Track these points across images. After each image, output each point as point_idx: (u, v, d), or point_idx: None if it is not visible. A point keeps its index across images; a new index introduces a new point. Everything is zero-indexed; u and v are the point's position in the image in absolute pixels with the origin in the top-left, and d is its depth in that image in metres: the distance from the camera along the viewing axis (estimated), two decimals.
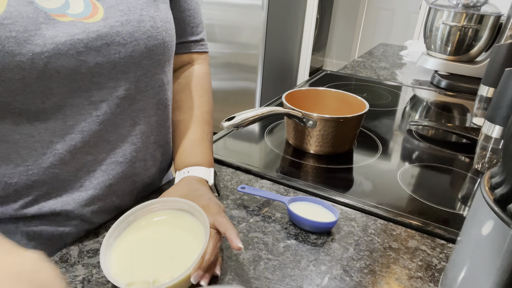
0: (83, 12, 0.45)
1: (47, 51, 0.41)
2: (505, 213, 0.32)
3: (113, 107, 0.49)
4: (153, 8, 0.51)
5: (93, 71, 0.45)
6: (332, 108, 0.82)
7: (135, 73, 0.50)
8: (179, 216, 0.47)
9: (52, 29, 0.41)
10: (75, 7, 0.44)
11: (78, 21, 0.44)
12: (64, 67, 0.43)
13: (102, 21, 0.45)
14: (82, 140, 0.47)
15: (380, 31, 4.09)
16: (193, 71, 0.67)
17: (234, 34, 2.52)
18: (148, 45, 0.50)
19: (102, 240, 0.50)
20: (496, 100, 0.63)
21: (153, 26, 0.50)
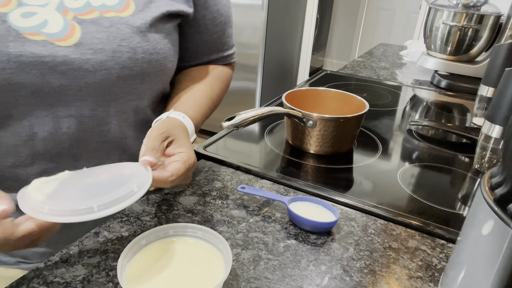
0: (59, 32, 0.45)
1: (10, 68, 0.42)
2: (505, 213, 0.32)
3: (78, 124, 0.49)
4: (137, 38, 0.50)
5: (57, 91, 0.46)
6: (332, 108, 0.82)
7: (104, 98, 0.49)
8: (192, 242, 0.46)
9: (19, 47, 0.43)
10: (52, 27, 0.45)
11: (49, 41, 0.44)
12: (27, 84, 0.44)
13: (74, 46, 0.46)
14: (44, 149, 0.48)
15: (380, 31, 4.09)
16: (216, 67, 0.69)
17: (234, 34, 2.51)
18: (121, 75, 0.49)
19: (102, 240, 0.50)
20: (496, 100, 0.63)
21: (131, 58, 0.49)
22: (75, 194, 0.40)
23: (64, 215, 0.36)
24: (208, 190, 0.62)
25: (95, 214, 0.37)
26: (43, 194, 0.38)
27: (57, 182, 0.41)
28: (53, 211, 0.36)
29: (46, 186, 0.40)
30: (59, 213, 0.36)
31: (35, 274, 0.44)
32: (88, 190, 0.41)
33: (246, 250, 0.50)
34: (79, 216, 0.36)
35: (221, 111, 3.18)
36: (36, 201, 0.37)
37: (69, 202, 0.38)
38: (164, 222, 0.54)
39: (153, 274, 0.41)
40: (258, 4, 2.37)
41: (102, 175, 0.43)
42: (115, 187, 0.40)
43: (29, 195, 0.38)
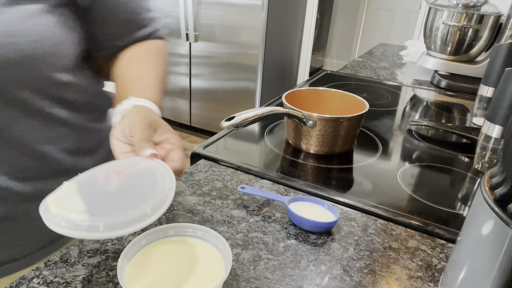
0: None
1: None
2: (505, 213, 0.32)
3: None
4: (27, 22, 0.46)
5: None
6: (332, 108, 0.82)
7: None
8: (192, 242, 0.46)
9: None
10: None
11: None
12: None
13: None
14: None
15: (380, 31, 4.09)
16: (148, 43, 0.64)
17: (234, 34, 2.52)
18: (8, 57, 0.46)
19: (102, 240, 0.50)
20: (496, 100, 0.63)
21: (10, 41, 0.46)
22: (115, 204, 0.38)
23: (124, 227, 0.35)
24: (208, 190, 0.62)
25: (151, 218, 0.36)
26: (77, 212, 0.36)
27: (76, 196, 0.39)
28: (109, 226, 0.35)
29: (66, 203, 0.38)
30: (117, 226, 0.35)
31: (35, 274, 0.44)
32: (124, 197, 0.39)
33: (246, 250, 0.50)
34: (139, 224, 0.35)
35: (221, 111, 3.18)
36: (82, 221, 0.35)
37: (119, 213, 0.36)
38: (164, 222, 0.54)
39: (153, 274, 0.41)
40: (258, 4, 2.37)
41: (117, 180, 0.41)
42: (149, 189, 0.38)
43: (65, 217, 0.35)
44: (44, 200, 0.37)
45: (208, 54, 2.65)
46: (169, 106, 3.00)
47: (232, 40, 2.54)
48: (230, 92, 2.70)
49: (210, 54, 2.65)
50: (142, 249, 0.44)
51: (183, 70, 2.80)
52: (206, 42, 2.62)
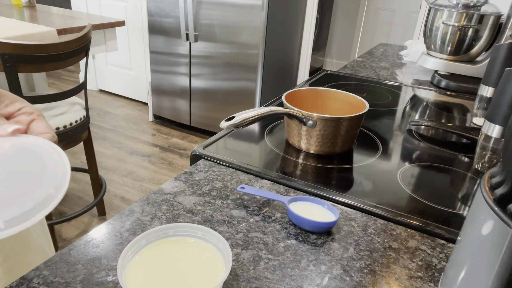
0: None
1: None
2: (505, 213, 0.32)
3: None
4: None
5: None
6: (332, 108, 0.82)
7: None
8: (192, 242, 0.46)
9: None
10: None
11: None
12: None
13: None
14: None
15: (380, 31, 4.09)
16: None
17: (234, 34, 2.52)
18: None
19: (102, 240, 0.50)
20: (496, 100, 0.63)
21: None
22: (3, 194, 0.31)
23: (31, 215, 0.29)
24: (208, 190, 0.62)
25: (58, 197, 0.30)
26: None
27: None
28: (11, 221, 0.29)
29: None
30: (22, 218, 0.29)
31: (35, 274, 0.44)
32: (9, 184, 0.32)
33: (246, 250, 0.50)
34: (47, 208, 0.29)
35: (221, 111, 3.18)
36: None
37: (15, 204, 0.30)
38: (164, 222, 0.54)
39: (153, 274, 0.41)
40: (258, 4, 2.37)
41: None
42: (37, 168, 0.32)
43: None
44: None
45: (208, 54, 2.66)
46: (169, 106, 3.00)
47: (232, 40, 2.54)
48: (230, 92, 2.70)
49: (210, 54, 2.65)
50: (142, 249, 0.44)
51: (183, 70, 2.80)
52: (206, 42, 2.63)
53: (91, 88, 3.71)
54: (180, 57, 2.77)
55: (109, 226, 0.53)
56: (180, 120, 3.01)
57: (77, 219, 1.98)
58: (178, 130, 3.03)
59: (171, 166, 2.54)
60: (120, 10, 3.19)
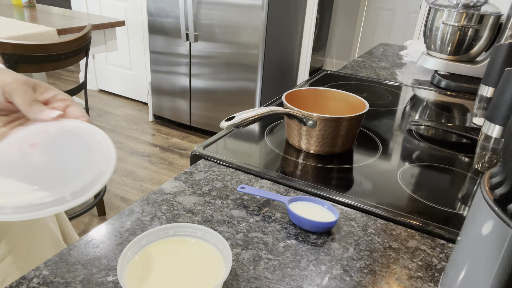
0: None
1: None
2: (505, 213, 0.32)
3: None
4: None
5: None
6: (332, 108, 0.82)
7: None
8: (192, 242, 0.46)
9: None
10: None
11: None
12: None
13: None
14: None
15: (380, 31, 4.09)
16: None
17: (234, 34, 2.52)
18: None
19: (102, 240, 0.50)
20: (496, 100, 0.63)
21: None
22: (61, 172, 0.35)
23: (90, 188, 0.33)
24: (208, 190, 0.62)
25: (108, 172, 0.34)
26: (27, 193, 0.32)
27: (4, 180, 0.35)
28: (76, 193, 0.32)
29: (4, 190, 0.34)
30: (84, 190, 0.33)
31: (35, 274, 0.44)
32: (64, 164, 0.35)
33: (246, 250, 0.50)
34: (101, 181, 0.33)
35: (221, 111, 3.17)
36: (43, 198, 0.32)
37: (76, 178, 0.33)
38: (164, 222, 0.54)
39: (153, 274, 0.41)
40: (258, 4, 2.37)
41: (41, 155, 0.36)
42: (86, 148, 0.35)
43: (21, 203, 0.32)
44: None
45: (208, 54, 2.65)
46: (169, 106, 3.00)
47: (232, 40, 2.54)
48: (230, 92, 2.69)
49: (210, 54, 2.65)
50: (142, 249, 0.44)
51: (183, 70, 2.80)
52: (206, 42, 2.62)
53: (91, 88, 3.72)
54: (180, 57, 2.77)
55: (109, 226, 0.53)
56: (180, 120, 3.01)
57: (77, 219, 1.98)
58: (178, 130, 3.03)
59: (171, 166, 2.54)
60: (120, 10, 3.18)
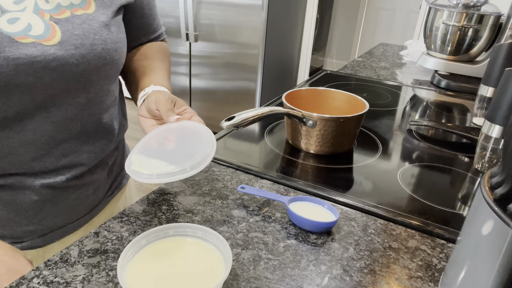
0: (43, 34, 0.52)
1: (9, 71, 0.48)
2: (505, 213, 0.32)
3: (63, 112, 0.57)
4: (105, 31, 0.59)
5: (47, 86, 0.53)
6: (332, 108, 0.82)
7: (84, 85, 0.58)
8: (192, 242, 0.46)
9: (14, 51, 0.49)
10: (36, 29, 0.51)
11: (38, 43, 0.51)
12: (23, 83, 0.50)
13: (59, 44, 0.53)
14: (33, 137, 0.55)
15: (380, 31, 4.09)
16: (157, 43, 0.79)
17: (234, 34, 2.52)
18: (98, 65, 0.58)
19: (102, 239, 0.50)
20: (496, 100, 0.63)
21: (104, 49, 0.58)
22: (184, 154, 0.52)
23: (201, 163, 0.49)
24: (208, 190, 0.62)
25: (211, 154, 0.51)
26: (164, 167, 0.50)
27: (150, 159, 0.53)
28: (160, 176, 0.49)
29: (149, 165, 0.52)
30: (197, 164, 0.49)
31: (35, 274, 0.44)
32: (185, 149, 0.53)
33: (246, 250, 0.50)
34: (207, 160, 0.50)
35: (221, 111, 3.17)
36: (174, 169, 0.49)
37: (192, 157, 0.50)
38: (164, 222, 0.54)
39: (153, 274, 0.41)
40: (258, 4, 2.37)
41: (172, 143, 0.56)
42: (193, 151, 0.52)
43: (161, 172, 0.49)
44: (129, 170, 0.51)
45: (208, 54, 2.66)
46: None
47: (232, 40, 2.54)
48: (230, 92, 2.70)
49: (210, 54, 2.65)
50: (142, 249, 0.44)
51: (183, 70, 2.80)
52: (206, 42, 2.63)
53: None
54: (180, 57, 2.77)
55: (109, 226, 0.53)
56: None
57: None
58: None
59: None
60: None
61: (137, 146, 0.56)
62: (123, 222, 0.54)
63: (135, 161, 0.53)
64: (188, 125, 0.57)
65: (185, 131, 0.57)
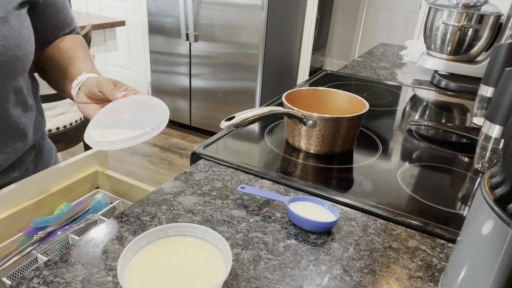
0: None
1: None
2: (505, 213, 0.32)
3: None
4: (5, 27, 0.58)
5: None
6: (332, 108, 0.82)
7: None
8: (192, 242, 0.46)
9: None
10: None
11: None
12: None
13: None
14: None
15: (380, 31, 4.09)
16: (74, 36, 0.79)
17: (234, 34, 2.52)
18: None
19: (102, 240, 0.50)
20: (496, 100, 0.63)
21: (4, 45, 0.57)
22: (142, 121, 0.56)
23: (160, 126, 0.54)
24: (208, 190, 0.62)
25: (166, 119, 0.55)
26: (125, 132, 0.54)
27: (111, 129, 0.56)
28: (125, 140, 0.53)
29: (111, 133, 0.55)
30: (129, 140, 0.52)
31: (35, 274, 0.44)
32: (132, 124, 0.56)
33: (246, 250, 0.50)
34: (164, 123, 0.55)
35: (221, 111, 3.17)
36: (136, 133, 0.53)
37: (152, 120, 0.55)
38: (164, 222, 0.54)
39: (153, 274, 0.41)
40: (258, 4, 2.37)
41: (126, 114, 0.59)
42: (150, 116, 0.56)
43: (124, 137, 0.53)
44: (91, 142, 0.54)
45: (208, 54, 2.66)
46: (169, 106, 2.98)
47: (232, 40, 2.54)
48: (230, 92, 2.70)
49: (210, 54, 2.65)
50: (142, 249, 0.44)
51: (183, 70, 2.80)
52: (206, 42, 2.63)
53: None
54: (180, 57, 2.77)
55: (109, 226, 0.53)
56: (180, 120, 3.01)
57: None
58: (178, 130, 3.03)
59: (171, 166, 2.54)
60: (120, 10, 3.19)
61: (92, 123, 0.58)
62: (123, 222, 0.54)
63: (95, 134, 0.55)
64: (136, 98, 0.61)
65: (135, 103, 0.60)
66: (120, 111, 0.59)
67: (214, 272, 0.42)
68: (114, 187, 0.80)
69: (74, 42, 0.77)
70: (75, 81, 0.66)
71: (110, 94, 0.60)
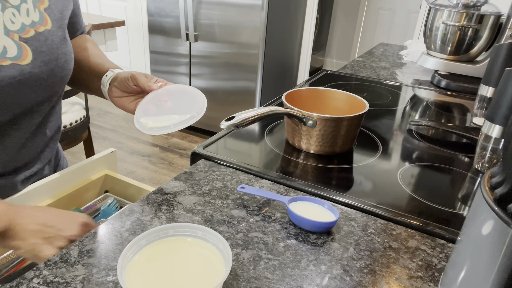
0: (18, 55, 0.58)
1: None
2: (505, 213, 0.32)
3: (31, 120, 0.65)
4: (64, 45, 0.65)
5: (23, 100, 0.60)
6: (332, 108, 0.82)
7: (50, 96, 0.65)
8: (192, 242, 0.46)
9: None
10: (11, 51, 0.57)
11: (15, 64, 0.57)
12: (2, 101, 0.57)
13: (32, 62, 0.59)
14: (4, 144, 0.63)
15: (380, 31, 4.09)
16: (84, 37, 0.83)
17: (234, 34, 2.52)
18: (62, 75, 0.65)
19: (102, 240, 0.50)
20: (496, 100, 0.63)
21: (66, 61, 0.65)
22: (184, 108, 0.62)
23: (182, 124, 0.59)
24: (208, 190, 0.62)
25: (204, 107, 0.62)
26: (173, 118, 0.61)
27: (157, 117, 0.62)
28: (177, 124, 0.59)
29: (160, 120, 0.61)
30: (180, 124, 0.59)
31: (35, 274, 0.44)
32: (177, 110, 0.62)
33: (246, 250, 0.50)
34: (203, 110, 0.62)
35: (221, 111, 3.17)
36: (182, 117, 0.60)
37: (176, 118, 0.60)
38: (164, 222, 0.54)
39: (153, 274, 0.41)
40: (258, 4, 2.37)
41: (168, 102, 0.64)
42: (191, 102, 0.63)
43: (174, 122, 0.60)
44: (146, 129, 0.59)
45: (208, 54, 2.66)
46: None
47: (232, 40, 2.54)
48: (230, 92, 2.69)
49: (210, 54, 2.65)
50: (142, 249, 0.44)
51: (183, 70, 2.80)
52: (206, 42, 2.63)
53: None
54: (180, 57, 2.77)
55: (109, 226, 0.53)
56: None
57: None
58: None
59: (171, 166, 2.54)
60: (120, 10, 3.19)
61: (137, 113, 0.63)
62: (123, 222, 0.54)
63: (147, 122, 0.60)
64: (172, 87, 0.65)
65: (173, 92, 0.65)
66: (162, 100, 0.63)
67: (214, 272, 0.42)
68: (122, 191, 0.81)
69: (88, 42, 0.80)
70: (104, 78, 0.70)
71: (147, 86, 0.64)
